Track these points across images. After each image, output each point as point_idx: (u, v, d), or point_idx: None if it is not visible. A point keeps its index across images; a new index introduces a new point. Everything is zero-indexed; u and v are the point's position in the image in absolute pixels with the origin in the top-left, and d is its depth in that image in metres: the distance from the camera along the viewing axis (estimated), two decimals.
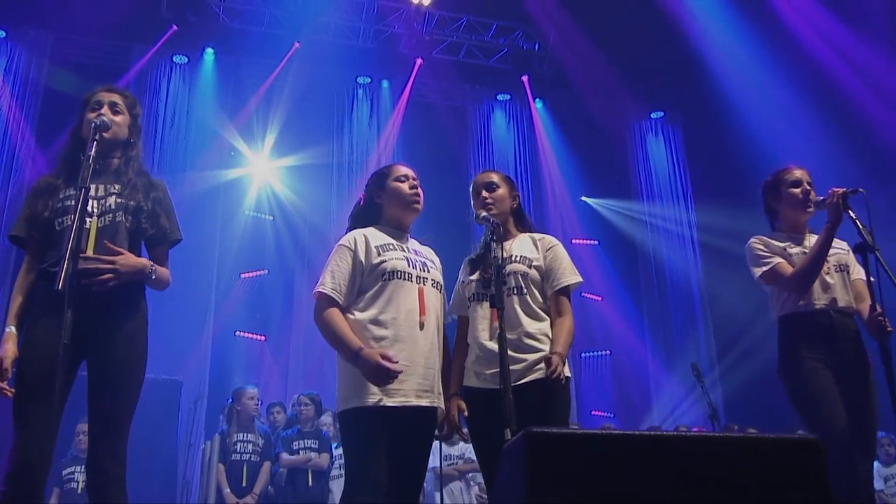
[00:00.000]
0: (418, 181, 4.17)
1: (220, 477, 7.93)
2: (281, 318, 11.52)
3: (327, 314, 3.81)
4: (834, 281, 4.51)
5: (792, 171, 4.75)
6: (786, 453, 2.49)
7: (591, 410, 12.31)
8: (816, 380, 4.28)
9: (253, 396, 8.28)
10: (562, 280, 4.14)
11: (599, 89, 13.04)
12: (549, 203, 13.25)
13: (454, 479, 8.40)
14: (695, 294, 12.97)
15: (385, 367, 3.61)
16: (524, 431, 2.32)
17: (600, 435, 2.43)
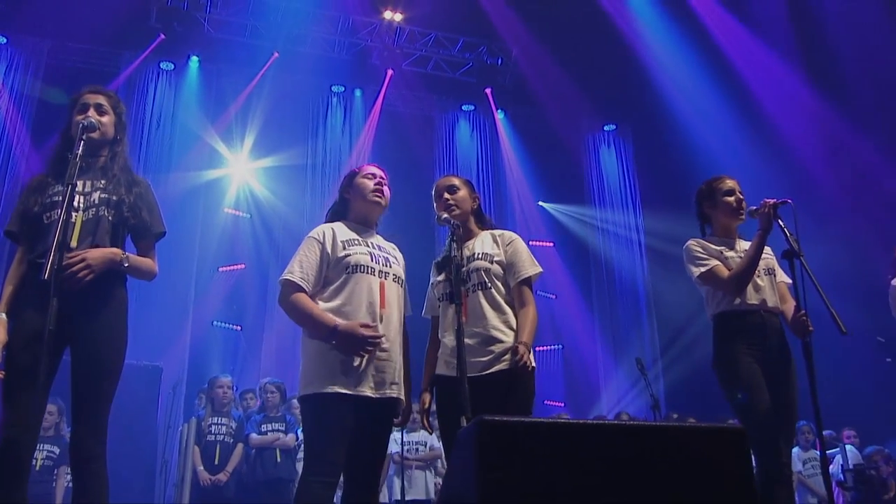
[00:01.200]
0: (385, 180, 4.17)
1: (195, 458, 7.91)
2: (256, 309, 11.49)
3: (295, 298, 3.80)
4: (763, 283, 4.58)
5: (724, 181, 4.80)
6: (714, 441, 2.54)
7: (543, 400, 12.35)
8: (746, 372, 4.35)
9: (226, 385, 8.28)
10: (523, 272, 4.14)
11: (557, 102, 13.14)
12: (509, 207, 13.32)
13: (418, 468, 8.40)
14: (641, 293, 13.10)
15: (366, 335, 3.64)
16: (476, 419, 2.33)
17: (546, 423, 2.45)
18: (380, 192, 4.11)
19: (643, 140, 13.79)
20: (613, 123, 14.04)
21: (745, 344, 4.43)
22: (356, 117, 12.84)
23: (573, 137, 13.97)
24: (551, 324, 12.90)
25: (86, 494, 3.49)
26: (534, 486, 2.30)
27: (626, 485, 2.39)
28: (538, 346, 12.57)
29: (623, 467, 2.40)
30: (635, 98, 12.86)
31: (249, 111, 12.04)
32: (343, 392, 3.67)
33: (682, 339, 11.52)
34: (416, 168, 12.10)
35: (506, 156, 13.61)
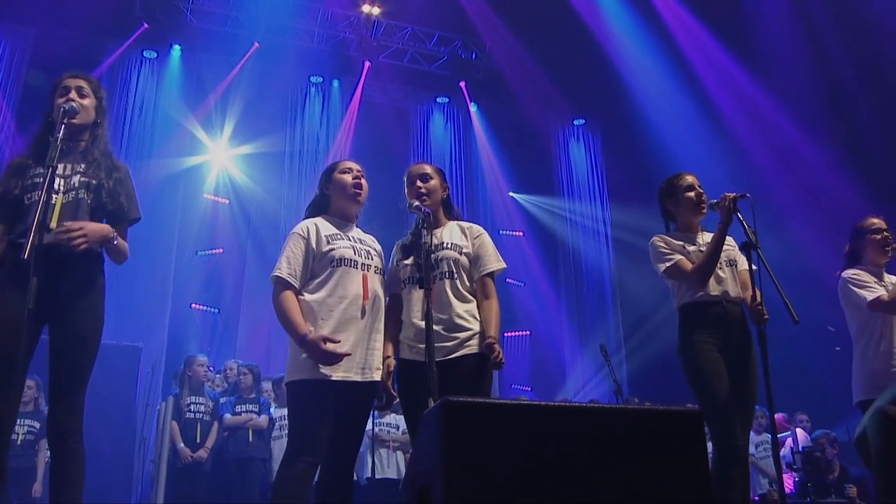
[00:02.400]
0: (363, 174, 4.20)
1: (173, 434, 7.90)
2: (233, 292, 11.44)
3: (283, 297, 3.87)
4: (725, 275, 4.62)
5: (684, 177, 4.84)
6: (670, 423, 2.57)
7: (511, 385, 12.41)
8: (706, 360, 4.40)
9: (202, 363, 8.27)
10: (488, 266, 4.18)
11: (529, 97, 13.17)
12: (481, 197, 13.34)
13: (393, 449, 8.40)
14: (606, 283, 13.17)
15: (328, 350, 3.69)
16: (441, 400, 2.35)
17: (509, 404, 2.46)
18: (359, 188, 4.16)
19: (611, 135, 13.86)
20: (583, 118, 14.07)
21: (707, 333, 4.48)
22: (334, 107, 12.77)
23: (544, 130, 14.00)
24: (519, 310, 12.94)
25: (63, 470, 3.49)
26: (497, 465, 2.31)
27: (585, 464, 2.41)
28: (507, 331, 12.64)
29: (583, 447, 2.42)
30: (604, 94, 12.92)
31: (229, 99, 11.95)
32: (331, 378, 3.74)
33: (645, 327, 11.61)
34: (392, 158, 12.06)
35: (478, 147, 13.60)
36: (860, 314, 4.96)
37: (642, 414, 2.59)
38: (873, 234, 5.14)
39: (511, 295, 12.65)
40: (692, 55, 12.03)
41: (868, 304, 4.85)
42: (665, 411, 2.56)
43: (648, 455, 2.49)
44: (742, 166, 11.21)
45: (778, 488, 4.38)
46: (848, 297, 5.03)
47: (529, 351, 13.09)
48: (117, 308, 9.64)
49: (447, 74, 13.40)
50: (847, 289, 5.01)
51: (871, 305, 4.85)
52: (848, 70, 10.62)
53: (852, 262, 5.23)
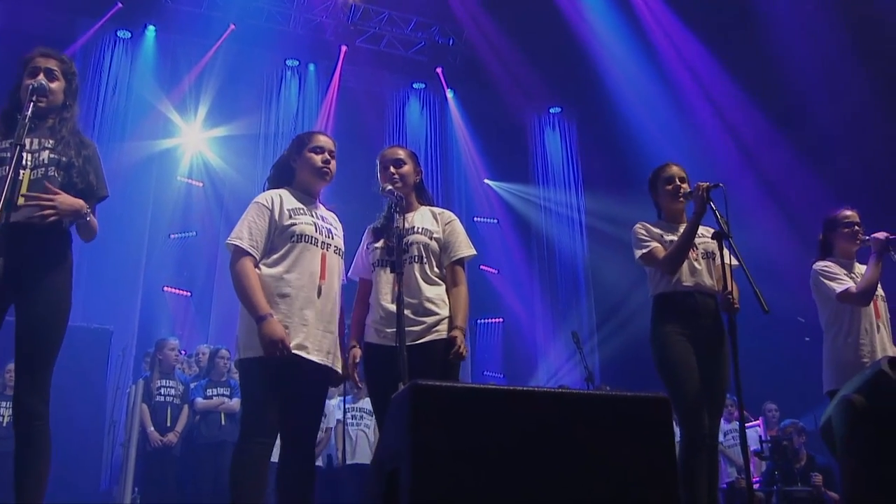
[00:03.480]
0: (334, 152, 4.14)
1: (143, 417, 7.88)
2: (206, 276, 11.37)
3: (244, 269, 3.77)
4: (701, 266, 4.66)
5: (668, 168, 4.88)
6: (637, 409, 2.57)
7: (483, 371, 12.44)
8: (677, 349, 4.44)
9: (174, 347, 8.24)
10: (458, 252, 4.17)
11: (505, 84, 13.16)
12: (456, 183, 13.33)
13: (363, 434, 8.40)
14: (580, 270, 13.20)
15: (284, 345, 3.61)
16: (410, 383, 2.34)
17: (478, 388, 2.46)
18: (328, 169, 4.09)
19: (587, 124, 13.87)
20: (559, 106, 14.05)
21: (679, 324, 4.52)
22: (309, 91, 12.69)
23: (520, 118, 14.00)
24: (493, 297, 12.97)
25: (27, 453, 3.45)
26: (465, 449, 2.31)
27: (552, 449, 2.41)
28: (479, 318, 12.67)
29: (551, 432, 2.42)
30: (581, 83, 12.92)
31: (204, 82, 11.84)
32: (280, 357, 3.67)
33: (617, 316, 11.65)
34: (367, 143, 12.00)
35: (454, 134, 13.60)
36: (830, 305, 5.03)
37: (610, 399, 2.60)
38: (845, 227, 5.20)
39: (485, 282, 12.69)
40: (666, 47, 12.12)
41: (837, 295, 4.92)
42: (633, 397, 2.57)
43: (616, 440, 2.50)
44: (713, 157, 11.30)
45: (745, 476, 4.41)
46: (818, 289, 5.09)
47: (502, 338, 13.13)
48: (88, 291, 9.66)
49: (424, 60, 13.36)
50: (818, 280, 5.08)
51: (841, 297, 4.91)
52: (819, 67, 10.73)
53: (824, 252, 5.29)
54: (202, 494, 7.99)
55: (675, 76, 12.04)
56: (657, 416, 2.58)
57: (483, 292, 12.50)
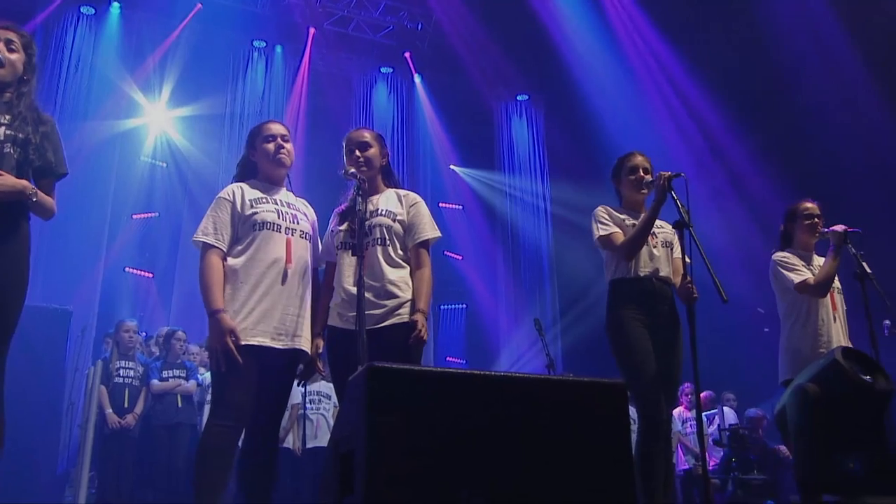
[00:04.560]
0: (288, 136, 4.15)
1: (102, 398, 7.80)
2: (168, 257, 11.29)
3: (210, 264, 3.83)
4: (659, 254, 4.67)
5: (632, 158, 4.89)
6: (594, 394, 2.60)
7: (445, 357, 12.47)
8: (633, 335, 4.45)
9: (128, 329, 8.15)
10: (422, 234, 4.14)
11: (473, 70, 13.17)
12: (422, 169, 13.30)
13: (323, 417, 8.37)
14: (544, 258, 13.27)
15: (229, 347, 3.64)
16: (366, 366, 2.35)
17: (434, 372, 2.47)
18: (282, 155, 4.10)
19: (554, 112, 13.91)
20: (526, 94, 14.08)
21: (635, 310, 4.53)
22: (276, 73, 12.58)
23: (487, 105, 14.00)
24: (457, 283, 13.00)
25: None
26: (421, 431, 2.32)
27: (508, 433, 2.44)
28: (443, 304, 12.68)
29: (507, 416, 2.44)
30: (548, 71, 12.97)
31: (169, 61, 11.71)
32: (246, 343, 3.70)
33: (581, 303, 11.71)
34: (334, 127, 11.97)
35: (421, 119, 13.57)
36: (788, 295, 5.08)
37: (567, 384, 2.62)
38: (805, 219, 5.26)
39: (449, 268, 12.72)
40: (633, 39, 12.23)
41: (795, 286, 4.97)
42: (589, 382, 2.59)
43: (572, 425, 2.52)
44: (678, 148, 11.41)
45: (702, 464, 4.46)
46: (777, 279, 5.14)
47: (465, 324, 13.18)
48: (47, 269, 9.55)
49: (392, 44, 13.31)
50: (776, 270, 5.13)
51: (799, 288, 4.97)
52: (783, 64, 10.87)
53: (784, 242, 5.35)
54: (158, 476, 7.97)
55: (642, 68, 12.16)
56: (613, 401, 2.61)
57: (447, 278, 12.54)
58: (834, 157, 10.35)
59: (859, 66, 10.09)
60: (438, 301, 12.68)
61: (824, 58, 10.44)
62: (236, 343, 3.65)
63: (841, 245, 5.01)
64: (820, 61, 10.50)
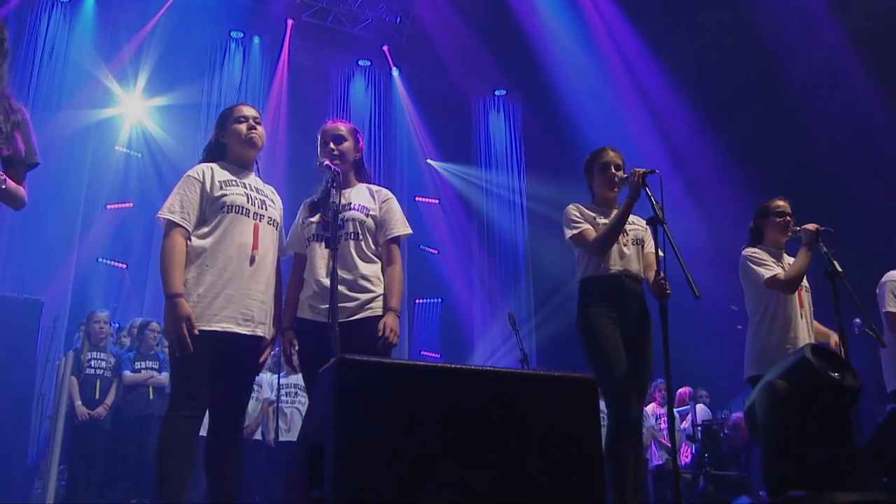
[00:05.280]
0: (259, 119, 4.13)
1: (72, 389, 7.74)
2: (142, 248, 11.17)
3: (173, 245, 3.76)
4: (630, 252, 4.69)
5: (605, 153, 4.89)
6: (564, 389, 2.61)
7: (420, 351, 12.47)
8: (604, 332, 4.47)
9: (99, 320, 8.08)
10: (394, 231, 4.16)
11: (451, 65, 13.15)
12: (398, 163, 13.23)
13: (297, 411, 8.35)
14: (520, 253, 13.29)
15: (183, 333, 3.60)
16: (336, 358, 2.34)
17: (404, 365, 2.48)
18: (254, 135, 4.07)
19: (531, 108, 13.92)
20: (504, 89, 14.07)
21: (606, 307, 4.55)
22: (253, 64, 12.49)
23: (464, 99, 14.01)
24: (432, 277, 12.99)
25: None
26: (391, 424, 2.32)
27: (479, 426, 2.44)
28: (418, 298, 12.68)
29: (477, 410, 2.45)
30: (526, 67, 12.97)
31: (146, 51, 11.58)
32: (207, 329, 3.66)
33: (555, 299, 11.76)
34: (310, 119, 11.92)
35: (398, 113, 13.51)
36: (756, 291, 5.12)
37: (537, 379, 2.63)
38: (777, 217, 5.30)
39: (424, 262, 12.72)
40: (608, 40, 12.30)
41: (765, 281, 5.00)
42: (559, 377, 2.60)
43: (542, 419, 2.53)
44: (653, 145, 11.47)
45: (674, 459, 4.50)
46: (746, 274, 5.18)
47: (440, 318, 13.17)
48: (20, 260, 9.46)
49: (370, 37, 13.25)
50: (746, 265, 5.17)
51: (768, 283, 5.00)
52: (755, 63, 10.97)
53: (755, 239, 5.39)
54: (127, 467, 7.93)
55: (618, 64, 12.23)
56: (584, 396, 2.62)
57: (422, 272, 12.55)
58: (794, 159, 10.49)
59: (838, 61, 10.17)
60: (413, 295, 12.68)
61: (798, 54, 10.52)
62: (191, 330, 3.61)
63: (813, 243, 5.05)
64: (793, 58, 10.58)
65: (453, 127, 13.83)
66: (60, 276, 10.12)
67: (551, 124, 12.67)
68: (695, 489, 8.79)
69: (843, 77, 10.10)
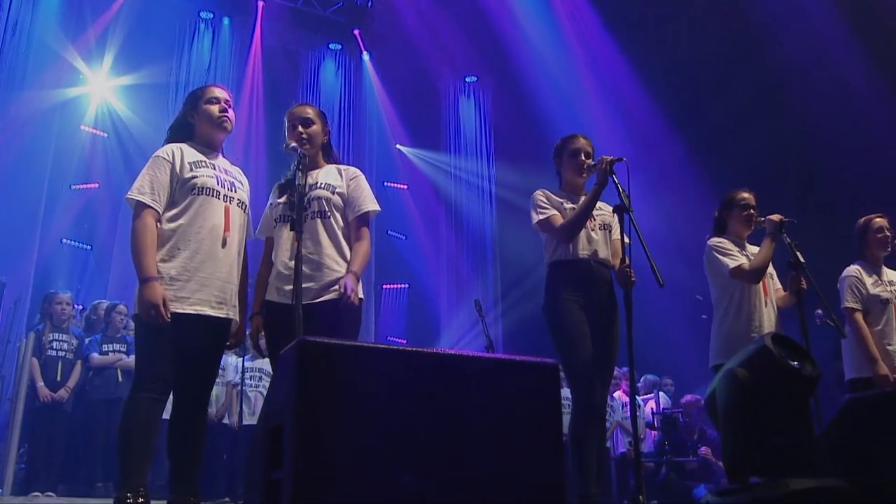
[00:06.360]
0: (230, 103, 4.09)
1: (33, 371, 7.65)
2: (107, 229, 11.06)
3: (144, 226, 3.70)
4: (598, 237, 4.72)
5: (575, 140, 4.91)
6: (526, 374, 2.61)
7: (387, 336, 12.46)
8: (570, 318, 4.49)
9: (63, 301, 7.98)
10: (363, 207, 4.13)
11: (422, 50, 13.09)
12: (367, 147, 13.17)
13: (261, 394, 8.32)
14: (487, 240, 13.31)
15: (160, 312, 3.56)
16: (296, 340, 2.33)
17: (365, 347, 2.45)
18: (226, 118, 4.03)
19: (501, 95, 13.92)
20: (475, 75, 14.06)
21: (573, 292, 4.57)
22: (223, 45, 12.35)
23: (435, 85, 13.97)
24: (399, 263, 12.98)
25: None
26: (351, 407, 2.31)
27: (440, 410, 2.43)
28: (385, 283, 12.67)
29: (439, 393, 2.44)
30: (498, 54, 12.97)
31: (113, 29, 11.41)
32: (181, 312, 3.64)
33: (522, 286, 11.80)
34: (279, 102, 11.84)
35: (368, 97, 13.45)
36: (721, 281, 5.15)
37: (499, 363, 2.62)
38: (741, 208, 5.33)
39: (392, 247, 12.71)
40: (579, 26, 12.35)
41: (729, 271, 5.04)
42: (521, 362, 2.60)
43: (504, 404, 2.52)
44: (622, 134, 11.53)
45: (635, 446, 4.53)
46: (711, 264, 5.21)
47: (407, 304, 13.18)
48: None
49: (342, 21, 13.17)
50: (711, 255, 5.20)
51: (733, 273, 5.04)
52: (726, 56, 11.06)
53: (719, 229, 5.42)
54: (93, 451, 7.87)
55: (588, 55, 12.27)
56: (545, 381, 2.62)
57: (390, 257, 12.54)
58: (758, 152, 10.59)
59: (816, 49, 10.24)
60: (381, 280, 12.67)
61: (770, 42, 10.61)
62: (166, 313, 3.58)
63: (776, 233, 5.09)
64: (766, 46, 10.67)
65: (423, 112, 13.81)
66: (23, 257, 9.98)
67: (521, 112, 12.69)
68: (657, 476, 8.87)
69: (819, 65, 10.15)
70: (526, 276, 11.31)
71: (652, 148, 11.61)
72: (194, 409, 3.83)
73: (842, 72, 9.77)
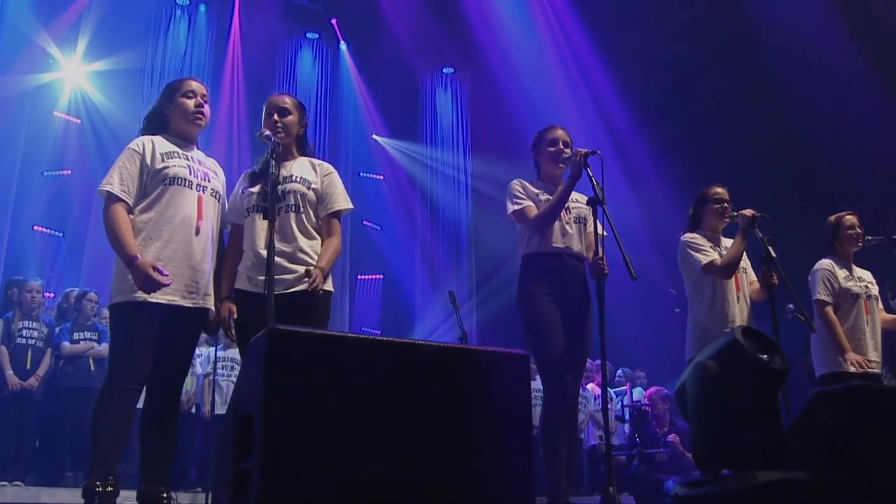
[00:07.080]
0: (207, 97, 4.09)
1: (2, 359, 7.58)
2: (80, 216, 10.95)
3: (115, 214, 3.73)
4: (572, 230, 4.75)
5: (553, 131, 4.95)
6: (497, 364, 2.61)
7: (361, 327, 12.44)
8: (542, 310, 4.52)
9: (35, 289, 7.91)
10: (335, 205, 4.15)
11: (400, 40, 13.03)
12: (343, 137, 13.11)
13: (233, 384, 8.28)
14: (462, 232, 13.30)
15: (154, 278, 3.59)
16: (266, 328, 2.32)
17: (335, 336, 2.44)
18: (201, 114, 4.04)
19: (479, 87, 13.90)
20: (452, 67, 14.03)
21: (546, 285, 4.59)
22: (199, 33, 12.22)
23: (411, 76, 13.89)
24: (374, 254, 12.96)
25: None
26: (320, 396, 2.31)
27: (410, 400, 2.43)
28: (360, 274, 12.64)
29: (408, 383, 2.44)
30: (476, 46, 12.95)
31: (87, 15, 11.27)
32: (153, 301, 3.63)
33: (497, 278, 11.82)
34: (256, 91, 11.78)
35: (345, 87, 13.39)
36: (694, 275, 5.19)
37: (469, 353, 2.63)
38: (714, 203, 5.37)
39: (367, 238, 12.68)
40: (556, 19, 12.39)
41: (702, 267, 5.08)
42: (492, 352, 2.60)
43: (474, 394, 2.53)
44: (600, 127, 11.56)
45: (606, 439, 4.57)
46: (684, 259, 5.25)
47: (382, 294, 13.16)
48: None
49: (319, 9, 13.08)
50: (684, 251, 5.24)
51: (705, 269, 5.08)
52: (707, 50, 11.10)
53: (693, 225, 5.46)
54: (63, 440, 7.81)
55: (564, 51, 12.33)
56: (516, 372, 2.63)
57: (365, 248, 12.52)
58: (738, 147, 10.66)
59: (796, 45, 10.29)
60: (355, 270, 12.64)
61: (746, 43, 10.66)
62: (161, 273, 3.64)
63: (748, 228, 5.13)
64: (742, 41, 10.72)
65: (400, 103, 13.77)
66: None
67: (498, 104, 12.69)
68: (628, 469, 8.92)
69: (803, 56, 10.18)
70: (500, 268, 11.33)
71: (627, 142, 11.65)
72: (167, 399, 3.84)
73: (825, 61, 9.78)
